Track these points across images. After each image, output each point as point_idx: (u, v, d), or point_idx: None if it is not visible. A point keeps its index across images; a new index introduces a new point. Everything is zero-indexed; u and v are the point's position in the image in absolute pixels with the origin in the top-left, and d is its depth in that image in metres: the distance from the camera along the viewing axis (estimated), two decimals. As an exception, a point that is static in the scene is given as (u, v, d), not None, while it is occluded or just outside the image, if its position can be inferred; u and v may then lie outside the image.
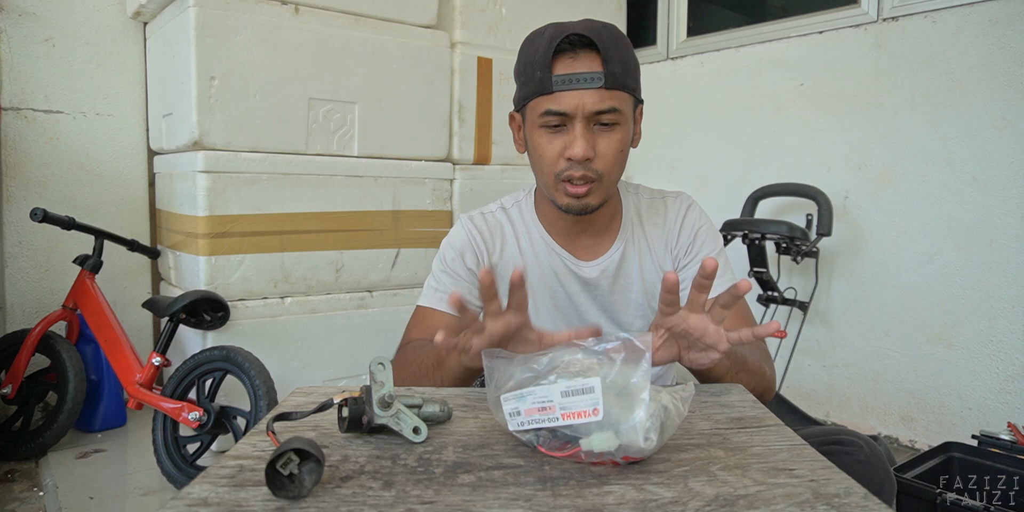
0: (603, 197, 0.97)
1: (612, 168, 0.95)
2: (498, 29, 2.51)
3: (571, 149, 0.91)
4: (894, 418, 2.22)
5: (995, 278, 1.98)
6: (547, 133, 0.94)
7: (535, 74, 0.92)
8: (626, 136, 0.95)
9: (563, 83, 0.90)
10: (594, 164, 0.93)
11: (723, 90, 2.68)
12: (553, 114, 0.91)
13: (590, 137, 0.92)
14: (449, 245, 1.07)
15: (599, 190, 0.95)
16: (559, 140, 0.93)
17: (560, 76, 0.90)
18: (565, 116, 0.91)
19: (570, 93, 0.90)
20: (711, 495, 0.54)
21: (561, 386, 0.59)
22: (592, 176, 0.93)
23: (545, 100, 0.91)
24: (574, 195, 0.94)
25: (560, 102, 0.90)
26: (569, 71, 0.90)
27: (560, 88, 0.90)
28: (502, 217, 1.09)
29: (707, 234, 1.06)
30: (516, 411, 0.61)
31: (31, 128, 2.20)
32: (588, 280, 1.05)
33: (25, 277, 2.20)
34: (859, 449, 0.81)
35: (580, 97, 0.90)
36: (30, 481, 1.84)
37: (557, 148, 0.93)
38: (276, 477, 0.52)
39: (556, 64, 0.90)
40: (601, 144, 0.93)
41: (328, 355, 2.15)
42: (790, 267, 2.35)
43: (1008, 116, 1.95)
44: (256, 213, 2.00)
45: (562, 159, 0.93)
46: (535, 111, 0.94)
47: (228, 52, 1.92)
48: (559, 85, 0.90)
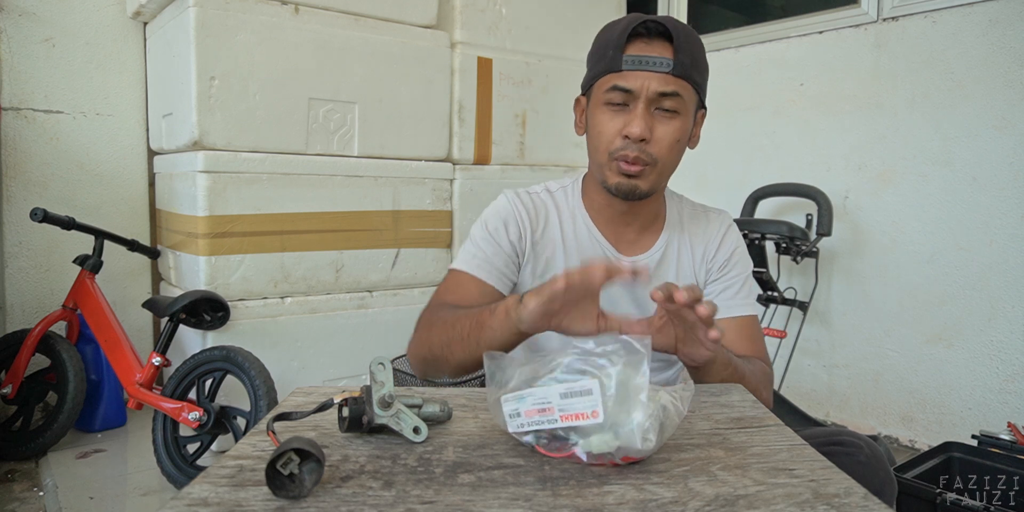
0: (654, 184, 0.98)
1: (667, 155, 0.96)
2: (498, 29, 2.51)
3: (629, 127, 0.93)
4: (894, 418, 2.22)
5: (995, 278, 1.98)
6: (609, 110, 0.96)
7: (607, 53, 0.95)
8: (685, 127, 0.97)
9: (633, 63, 0.93)
10: (649, 147, 0.94)
11: (723, 90, 2.67)
12: (618, 90, 0.94)
13: (649, 119, 0.94)
14: (494, 213, 1.07)
15: (651, 175, 0.97)
16: (620, 118, 0.95)
17: (631, 56, 0.93)
18: (629, 94, 0.93)
19: (638, 73, 0.92)
20: (711, 495, 0.54)
21: (560, 388, 0.59)
22: (646, 159, 0.95)
23: (613, 77, 0.94)
24: (626, 173, 0.96)
25: (627, 80, 0.93)
26: (640, 53, 0.93)
27: (629, 67, 0.93)
28: (547, 199, 1.09)
29: (742, 255, 1.09)
30: (516, 412, 0.61)
31: (31, 128, 2.20)
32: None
33: (25, 277, 2.20)
34: (860, 450, 0.81)
35: (647, 78, 0.92)
36: (30, 481, 1.84)
37: (617, 126, 0.95)
38: (276, 477, 0.52)
39: (629, 46, 0.94)
40: (659, 129, 0.94)
41: (328, 355, 2.15)
42: (790, 267, 2.35)
43: (1008, 116, 1.95)
44: (256, 213, 2.00)
45: (619, 137, 0.95)
46: (601, 88, 0.96)
47: (228, 52, 1.92)
48: (628, 64, 0.93)
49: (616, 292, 1.06)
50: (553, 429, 0.60)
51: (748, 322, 1.04)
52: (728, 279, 1.06)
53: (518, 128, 2.60)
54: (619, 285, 1.05)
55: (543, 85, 2.63)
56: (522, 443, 0.63)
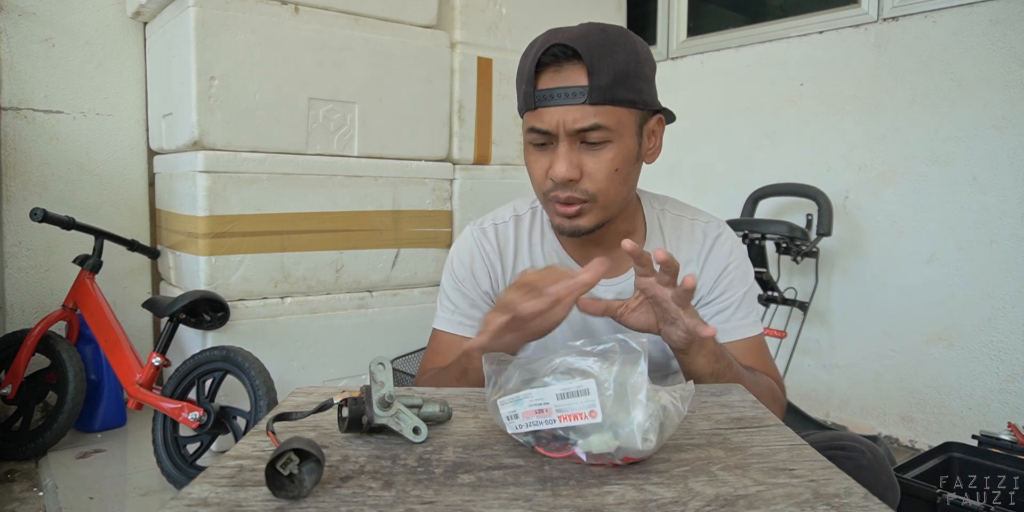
0: (598, 219, 0.90)
1: (606, 188, 0.87)
2: (498, 29, 2.51)
3: (553, 170, 0.86)
4: (894, 418, 2.22)
5: (995, 278, 1.98)
6: (535, 151, 0.90)
7: (522, 88, 0.88)
8: (621, 154, 0.87)
9: (544, 99, 0.85)
10: (582, 184, 0.87)
11: (723, 90, 2.68)
12: (537, 132, 0.87)
13: (574, 157, 0.86)
14: (459, 258, 1.02)
15: (592, 211, 0.89)
16: (545, 157, 0.88)
17: (541, 91, 0.85)
18: (548, 134, 0.86)
19: (551, 110, 0.84)
20: (711, 495, 0.54)
21: (556, 388, 0.59)
22: (581, 197, 0.87)
23: (530, 117, 0.88)
24: (564, 215, 0.89)
25: (542, 119, 0.85)
26: (550, 85, 0.84)
27: (542, 104, 0.85)
28: (512, 229, 1.03)
29: (737, 269, 0.99)
30: (514, 414, 0.61)
31: (31, 128, 2.20)
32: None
33: (25, 277, 2.20)
34: (862, 455, 0.80)
35: (562, 114, 0.84)
36: (30, 481, 1.84)
37: (543, 166, 0.89)
38: (276, 477, 0.52)
39: (540, 78, 0.85)
40: (589, 163, 0.86)
41: (328, 355, 2.15)
42: (790, 267, 2.35)
43: (1008, 116, 1.95)
44: (256, 213, 2.00)
45: (548, 179, 0.88)
46: (524, 127, 0.90)
47: (228, 52, 1.92)
48: (540, 101, 0.85)
49: (596, 320, 0.98)
50: (552, 429, 0.60)
51: (752, 344, 0.96)
52: (723, 300, 0.97)
53: (518, 128, 2.59)
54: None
55: (543, 85, 2.63)
56: (522, 444, 0.63)
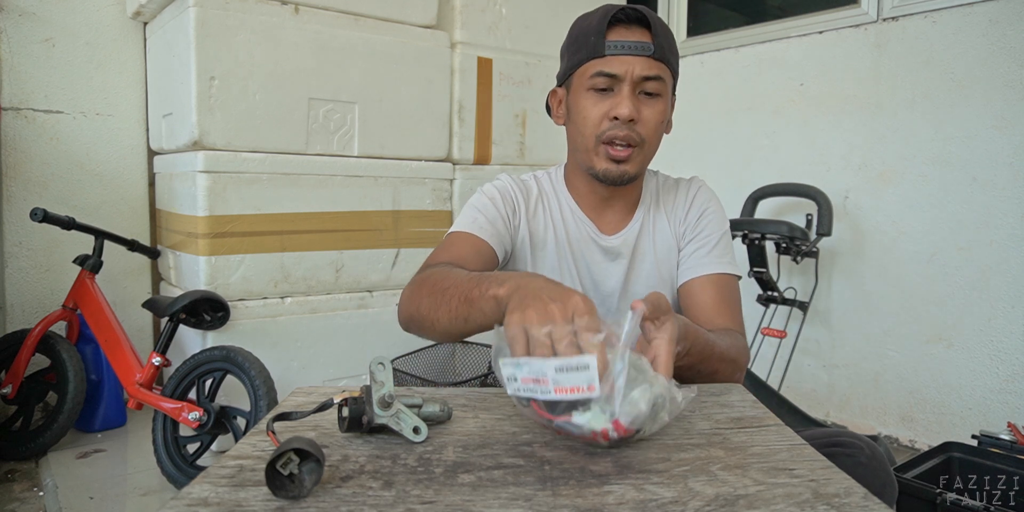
0: (640, 166, 1.01)
1: (652, 136, 0.99)
2: (498, 29, 2.51)
3: (618, 109, 0.95)
4: (894, 418, 2.22)
5: (995, 278, 1.98)
6: (594, 95, 0.98)
7: (589, 40, 0.97)
8: (666, 109, 1.00)
9: (616, 48, 0.95)
10: (637, 127, 0.97)
11: (723, 90, 2.68)
12: (604, 76, 0.96)
13: (636, 101, 0.96)
14: (492, 187, 1.10)
15: (639, 157, 0.99)
16: (605, 103, 0.97)
17: (614, 42, 0.95)
18: (615, 78, 0.96)
19: (622, 58, 0.95)
20: (711, 495, 0.54)
21: (555, 362, 0.59)
22: (635, 138, 0.97)
23: (597, 63, 0.96)
24: (615, 159, 0.98)
25: (611, 65, 0.95)
26: (622, 38, 0.96)
27: (612, 52, 0.95)
28: (533, 184, 1.13)
29: (714, 214, 1.10)
30: (513, 377, 0.61)
31: (31, 128, 2.20)
32: (609, 249, 1.08)
33: (25, 277, 2.20)
34: (860, 451, 0.80)
35: (631, 62, 0.95)
36: (30, 481, 1.84)
37: (603, 109, 0.97)
38: (276, 477, 0.52)
39: (610, 32, 0.96)
40: (645, 110, 0.97)
41: (328, 355, 2.15)
42: (790, 267, 2.35)
43: (1008, 116, 1.95)
44: (256, 213, 2.00)
45: (606, 120, 0.97)
46: (585, 74, 0.98)
47: (228, 52, 1.92)
48: (612, 50, 0.95)
49: (602, 269, 1.09)
50: (546, 400, 0.60)
51: (723, 281, 1.04)
52: (701, 238, 1.07)
53: (518, 128, 2.60)
54: (604, 262, 1.09)
55: (543, 85, 2.63)
56: (524, 442, 0.64)
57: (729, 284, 1.05)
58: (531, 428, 0.69)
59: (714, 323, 0.98)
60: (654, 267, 1.09)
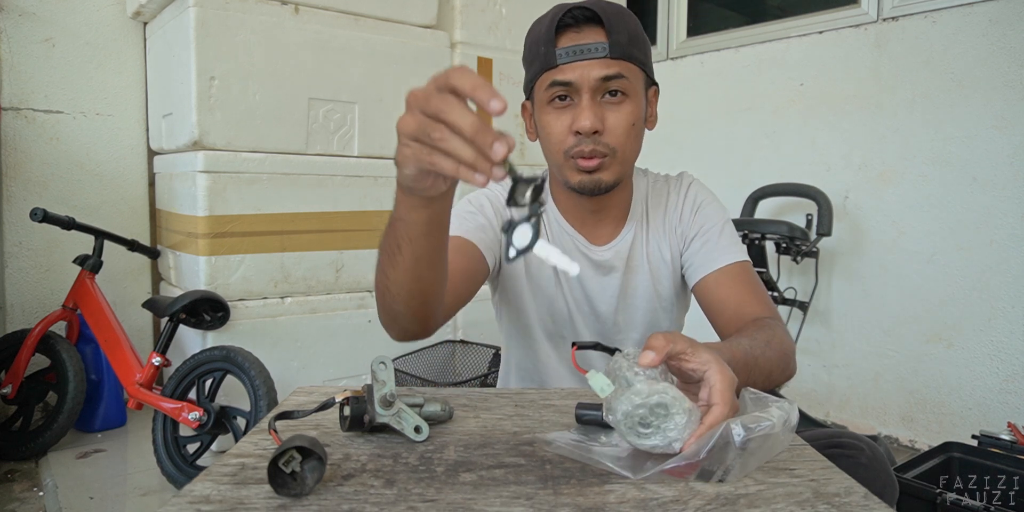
0: (618, 175, 0.94)
1: (624, 143, 0.92)
2: (498, 29, 2.51)
3: (578, 121, 0.89)
4: (894, 418, 2.22)
5: (995, 278, 1.99)
6: (554, 110, 0.92)
7: (540, 50, 0.91)
8: (637, 109, 0.92)
9: (567, 55, 0.89)
10: (604, 138, 0.90)
11: (723, 90, 2.68)
12: (558, 85, 0.90)
13: (597, 109, 0.90)
14: (478, 194, 1.05)
15: (612, 166, 0.92)
16: (566, 115, 0.91)
17: (564, 49, 0.89)
18: (570, 86, 0.90)
19: (574, 64, 0.89)
20: (712, 494, 0.54)
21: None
22: (603, 150, 0.91)
23: (550, 74, 0.91)
24: (585, 169, 0.91)
25: (564, 73, 0.89)
26: (573, 43, 0.89)
27: (564, 60, 0.89)
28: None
29: (710, 206, 1.04)
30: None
31: (31, 128, 2.20)
32: (602, 263, 1.03)
33: (25, 277, 2.20)
34: (861, 452, 0.80)
35: (585, 67, 0.88)
36: (30, 481, 1.84)
37: (565, 123, 0.91)
38: (278, 475, 0.52)
39: (560, 38, 0.90)
40: (610, 117, 0.90)
41: (328, 355, 2.15)
42: (790, 267, 2.35)
43: (1008, 116, 1.95)
44: (256, 213, 2.00)
45: (570, 135, 0.91)
46: (541, 87, 0.93)
47: (228, 52, 1.92)
48: (563, 57, 0.89)
49: (594, 285, 1.03)
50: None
51: (738, 270, 0.98)
52: (704, 232, 1.02)
53: (518, 128, 2.60)
54: (596, 277, 1.02)
55: (543, 85, 2.63)
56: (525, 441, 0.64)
57: (743, 271, 0.99)
58: (532, 428, 0.69)
59: (742, 316, 0.93)
60: (649, 281, 1.04)
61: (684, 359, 0.63)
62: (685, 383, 0.67)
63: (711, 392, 0.62)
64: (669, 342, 0.63)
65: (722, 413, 0.60)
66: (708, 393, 0.62)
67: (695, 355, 0.63)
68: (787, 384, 2.33)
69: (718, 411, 0.60)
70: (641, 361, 0.62)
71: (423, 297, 0.75)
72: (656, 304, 1.05)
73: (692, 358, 0.63)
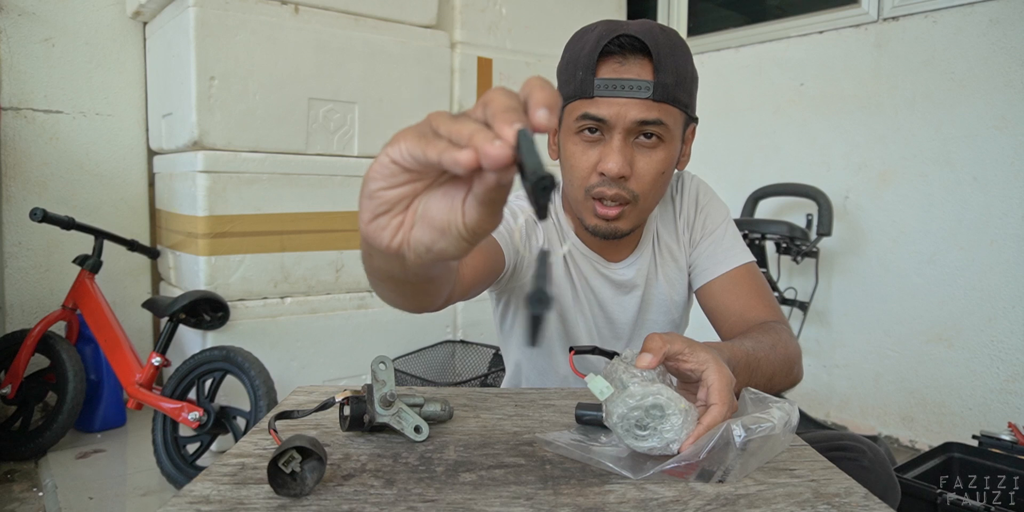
0: (635, 222, 0.89)
1: (649, 191, 0.85)
2: (498, 29, 2.51)
3: (605, 163, 0.82)
4: (894, 418, 2.22)
5: (995, 278, 1.99)
6: (582, 142, 0.85)
7: (576, 74, 0.84)
8: (669, 157, 0.85)
9: (606, 88, 0.81)
10: (630, 184, 0.84)
11: (723, 90, 2.68)
12: (590, 119, 0.83)
13: (628, 152, 0.83)
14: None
15: (632, 214, 0.87)
16: (594, 151, 0.85)
17: (604, 80, 0.81)
18: (603, 123, 0.83)
19: (613, 100, 0.81)
20: (712, 494, 0.54)
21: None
22: (626, 196, 0.85)
23: (584, 104, 0.83)
24: (603, 217, 0.86)
25: (600, 107, 0.82)
26: (615, 76, 0.81)
27: (602, 93, 0.81)
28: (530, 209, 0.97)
29: (712, 206, 1.01)
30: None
31: (31, 128, 2.20)
32: (623, 283, 0.99)
33: (25, 277, 2.20)
34: (863, 455, 0.80)
35: (623, 105, 0.81)
36: (30, 481, 1.84)
37: (591, 160, 0.85)
38: (278, 475, 0.52)
39: (601, 67, 0.82)
40: (640, 162, 0.84)
41: (328, 355, 2.14)
42: (790, 267, 2.35)
43: (1008, 116, 1.95)
44: (256, 213, 2.00)
45: (595, 173, 0.85)
46: (572, 114, 0.85)
47: (228, 52, 1.92)
48: (601, 90, 0.81)
49: (614, 306, 1.00)
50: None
51: (741, 273, 0.96)
52: (709, 235, 0.99)
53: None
54: (616, 298, 0.99)
55: (543, 85, 2.63)
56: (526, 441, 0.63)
57: (748, 273, 0.97)
58: (532, 428, 0.69)
59: (747, 321, 0.92)
60: (666, 292, 1.01)
61: (681, 359, 0.64)
62: (684, 383, 0.68)
63: (709, 392, 0.62)
64: (666, 343, 0.63)
65: (720, 413, 0.61)
66: (706, 393, 0.62)
67: (692, 355, 0.64)
68: (787, 385, 2.25)
69: (716, 411, 0.61)
70: (638, 363, 0.62)
71: (421, 301, 0.69)
72: (672, 312, 1.03)
73: (689, 358, 0.64)
